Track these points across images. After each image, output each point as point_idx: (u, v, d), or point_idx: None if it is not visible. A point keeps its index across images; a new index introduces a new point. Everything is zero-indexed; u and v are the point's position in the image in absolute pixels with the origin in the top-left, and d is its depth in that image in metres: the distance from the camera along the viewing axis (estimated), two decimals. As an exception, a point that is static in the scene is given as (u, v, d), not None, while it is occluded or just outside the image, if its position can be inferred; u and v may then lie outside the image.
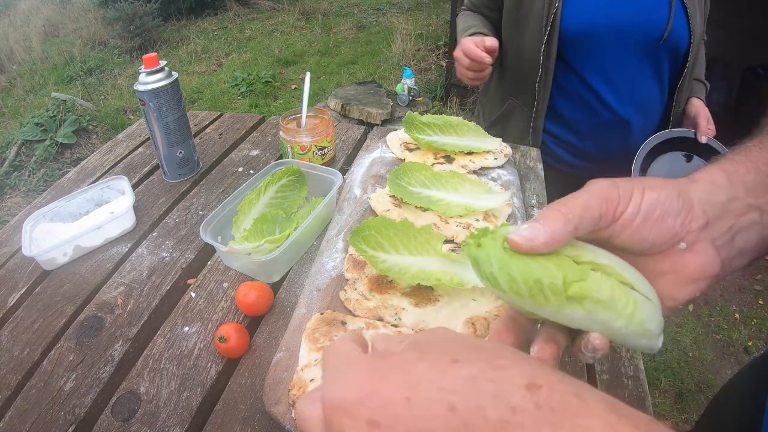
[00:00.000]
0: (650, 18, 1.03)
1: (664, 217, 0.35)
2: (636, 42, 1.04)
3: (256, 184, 0.82)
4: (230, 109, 4.12)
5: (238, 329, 0.63)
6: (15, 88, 4.75)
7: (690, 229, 0.36)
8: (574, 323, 0.34)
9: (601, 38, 1.04)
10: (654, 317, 0.34)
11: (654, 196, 0.35)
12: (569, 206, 0.34)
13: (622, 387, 0.61)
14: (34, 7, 6.77)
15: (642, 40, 1.04)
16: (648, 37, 1.04)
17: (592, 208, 0.34)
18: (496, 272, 0.33)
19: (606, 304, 0.32)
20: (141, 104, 0.91)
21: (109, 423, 0.56)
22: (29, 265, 0.81)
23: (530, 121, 1.17)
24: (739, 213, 0.37)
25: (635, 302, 0.33)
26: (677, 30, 1.04)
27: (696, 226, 0.36)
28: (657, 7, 1.02)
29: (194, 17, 6.38)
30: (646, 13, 1.02)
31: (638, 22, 1.03)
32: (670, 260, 0.36)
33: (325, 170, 0.86)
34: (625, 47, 1.05)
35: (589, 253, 0.34)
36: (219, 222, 0.76)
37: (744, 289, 2.39)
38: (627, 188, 0.35)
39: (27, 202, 2.83)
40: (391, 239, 0.65)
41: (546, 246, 0.32)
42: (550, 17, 1.02)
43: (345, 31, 5.52)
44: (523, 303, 0.34)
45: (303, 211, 0.83)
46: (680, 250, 0.36)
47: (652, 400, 1.74)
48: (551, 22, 1.03)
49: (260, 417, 0.56)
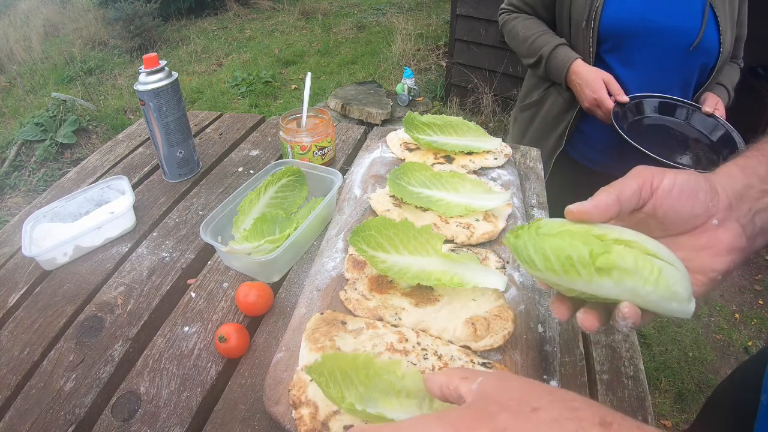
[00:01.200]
0: (683, 24, 1.06)
1: (697, 191, 0.41)
2: (668, 46, 1.08)
3: (255, 184, 0.82)
4: (230, 109, 4.12)
5: (238, 329, 0.63)
6: (15, 88, 4.75)
7: (719, 208, 0.42)
8: (606, 293, 0.38)
9: (636, 38, 1.08)
10: (680, 281, 0.38)
11: (685, 176, 0.41)
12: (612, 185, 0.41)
13: (623, 387, 0.61)
14: (34, 7, 6.76)
15: (673, 45, 1.08)
16: (679, 43, 1.08)
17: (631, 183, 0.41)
18: (532, 255, 0.39)
19: (632, 272, 0.36)
20: (141, 104, 0.91)
21: (109, 423, 0.56)
22: (29, 265, 0.81)
23: (564, 112, 1.20)
24: (756, 197, 0.43)
25: (660, 269, 0.37)
26: (707, 40, 1.08)
27: (723, 205, 0.42)
28: (691, 15, 1.06)
29: (194, 17, 6.38)
30: (680, 19, 1.06)
31: (672, 26, 1.06)
32: (706, 236, 0.42)
33: (325, 170, 0.86)
34: (657, 50, 1.09)
35: (615, 231, 0.39)
36: (219, 222, 0.76)
37: (744, 289, 2.39)
38: (660, 170, 0.41)
39: (27, 202, 2.83)
40: (390, 239, 0.65)
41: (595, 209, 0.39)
42: (592, 12, 1.07)
43: (345, 31, 5.52)
44: (560, 280, 0.39)
45: (303, 211, 0.83)
46: (713, 226, 0.42)
47: (652, 400, 1.74)
48: (593, 17, 1.07)
49: (260, 417, 0.56)
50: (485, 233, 0.74)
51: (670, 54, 1.09)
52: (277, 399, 0.54)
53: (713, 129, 1.12)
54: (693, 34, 1.07)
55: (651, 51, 1.09)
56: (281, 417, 0.52)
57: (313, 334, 0.59)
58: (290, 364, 0.57)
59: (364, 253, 0.65)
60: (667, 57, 1.10)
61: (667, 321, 2.19)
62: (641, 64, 1.11)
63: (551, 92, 1.25)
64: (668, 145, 1.09)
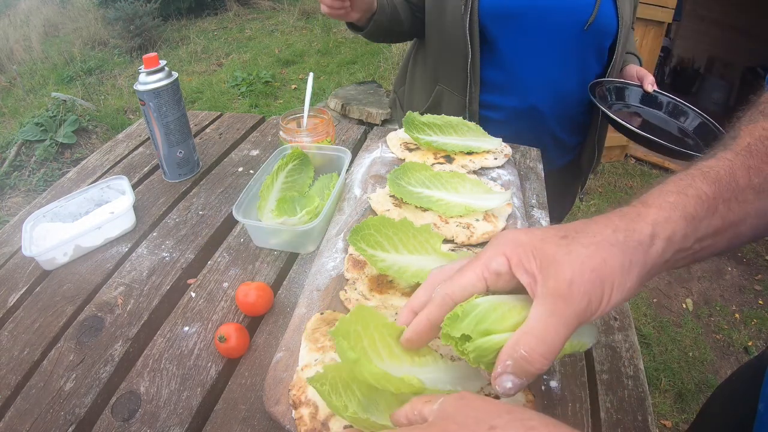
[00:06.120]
0: (574, 2, 1.00)
1: (603, 282, 0.39)
2: (559, 27, 1.02)
3: (269, 169, 0.87)
4: (230, 109, 4.12)
5: (238, 329, 0.63)
6: (15, 88, 4.75)
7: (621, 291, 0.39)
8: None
9: (522, 19, 1.02)
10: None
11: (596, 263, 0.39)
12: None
13: (622, 387, 0.61)
14: (34, 7, 6.76)
15: (564, 25, 1.02)
16: (571, 22, 1.01)
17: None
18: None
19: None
20: (141, 104, 0.91)
21: (109, 423, 0.56)
22: (29, 265, 0.81)
23: (465, 107, 1.15)
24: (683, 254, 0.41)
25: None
26: (603, 17, 1.02)
27: (630, 285, 0.39)
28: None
29: (194, 17, 6.38)
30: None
31: (561, 6, 1.00)
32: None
33: (335, 149, 0.91)
34: (546, 31, 1.02)
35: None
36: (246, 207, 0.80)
37: (744, 289, 2.39)
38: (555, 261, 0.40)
39: (27, 202, 2.83)
40: (390, 238, 0.65)
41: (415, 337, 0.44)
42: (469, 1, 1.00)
43: (345, 31, 5.51)
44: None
45: (315, 188, 0.89)
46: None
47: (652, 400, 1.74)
48: (470, 3, 1.01)
49: (260, 417, 0.56)
50: (485, 233, 0.74)
51: (563, 34, 1.03)
52: (277, 399, 0.54)
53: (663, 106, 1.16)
54: (586, 13, 1.00)
55: (540, 32, 1.03)
56: (281, 417, 0.53)
57: (313, 334, 0.59)
58: (290, 364, 0.57)
59: (364, 252, 0.65)
60: (560, 38, 1.03)
61: (667, 321, 2.19)
62: (531, 46, 1.05)
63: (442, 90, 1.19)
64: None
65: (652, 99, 1.17)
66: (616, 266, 0.37)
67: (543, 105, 1.13)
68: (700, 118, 1.14)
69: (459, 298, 0.41)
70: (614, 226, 0.39)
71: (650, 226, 0.39)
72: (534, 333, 0.36)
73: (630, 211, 0.40)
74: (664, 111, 1.17)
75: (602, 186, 3.16)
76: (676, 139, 1.12)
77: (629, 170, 3.32)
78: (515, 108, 1.14)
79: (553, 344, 0.35)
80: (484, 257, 0.41)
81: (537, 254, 0.39)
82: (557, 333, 0.36)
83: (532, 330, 0.36)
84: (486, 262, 0.41)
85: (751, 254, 2.60)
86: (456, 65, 1.11)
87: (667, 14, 2.86)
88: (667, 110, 1.17)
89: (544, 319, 0.36)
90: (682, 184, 0.41)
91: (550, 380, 0.59)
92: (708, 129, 1.11)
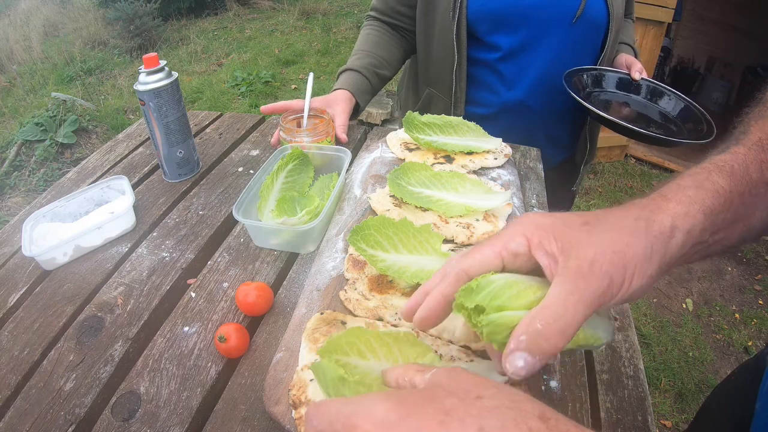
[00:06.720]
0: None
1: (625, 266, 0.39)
2: (546, 21, 1.02)
3: (269, 169, 0.87)
4: (230, 109, 4.12)
5: (238, 329, 0.63)
6: (15, 88, 4.75)
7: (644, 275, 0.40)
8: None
9: (510, 17, 1.02)
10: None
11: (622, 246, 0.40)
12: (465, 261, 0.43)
13: (622, 387, 0.61)
14: (34, 7, 6.76)
15: (551, 20, 1.02)
16: (558, 16, 1.01)
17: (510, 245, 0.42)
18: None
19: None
20: (141, 104, 0.91)
21: (109, 423, 0.56)
22: (29, 265, 0.81)
23: (450, 109, 1.16)
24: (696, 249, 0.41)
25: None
26: (592, 9, 1.01)
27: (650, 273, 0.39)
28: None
29: (194, 17, 6.38)
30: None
31: (548, 1, 1.00)
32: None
33: (335, 149, 0.91)
34: (534, 28, 1.03)
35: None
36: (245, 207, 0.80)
37: (744, 289, 2.39)
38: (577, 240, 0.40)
39: (27, 202, 2.83)
40: (390, 238, 0.65)
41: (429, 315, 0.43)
42: (457, 5, 1.02)
43: (345, 31, 5.52)
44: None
45: (315, 188, 0.89)
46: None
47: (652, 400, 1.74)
48: (458, 8, 1.02)
49: (260, 417, 0.56)
50: (485, 233, 0.74)
51: (551, 29, 1.03)
52: (277, 399, 0.54)
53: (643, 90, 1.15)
54: (574, 6, 1.00)
55: (528, 28, 1.03)
56: (281, 417, 0.53)
57: (313, 334, 0.59)
58: (290, 364, 0.57)
59: (363, 252, 0.65)
60: (548, 32, 1.03)
61: (667, 321, 2.19)
62: (520, 42, 1.05)
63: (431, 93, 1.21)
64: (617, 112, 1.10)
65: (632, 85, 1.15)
66: (639, 251, 0.37)
67: (532, 100, 1.13)
68: (684, 102, 1.12)
69: (474, 273, 0.40)
70: (635, 215, 0.40)
71: (671, 218, 0.39)
72: (552, 308, 0.35)
73: (649, 203, 0.41)
74: (644, 96, 1.15)
75: (602, 186, 3.16)
76: (658, 124, 1.10)
77: (629, 170, 3.32)
78: (504, 103, 1.15)
79: (570, 321, 0.35)
80: (504, 237, 0.41)
81: (558, 237, 0.39)
82: (576, 310, 0.35)
83: (551, 305, 0.36)
84: (505, 242, 0.41)
85: (751, 254, 2.60)
86: (443, 69, 1.13)
87: (667, 14, 2.86)
88: (647, 95, 1.15)
89: (564, 295, 0.36)
90: (699, 179, 0.42)
91: (550, 380, 0.59)
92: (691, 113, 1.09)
